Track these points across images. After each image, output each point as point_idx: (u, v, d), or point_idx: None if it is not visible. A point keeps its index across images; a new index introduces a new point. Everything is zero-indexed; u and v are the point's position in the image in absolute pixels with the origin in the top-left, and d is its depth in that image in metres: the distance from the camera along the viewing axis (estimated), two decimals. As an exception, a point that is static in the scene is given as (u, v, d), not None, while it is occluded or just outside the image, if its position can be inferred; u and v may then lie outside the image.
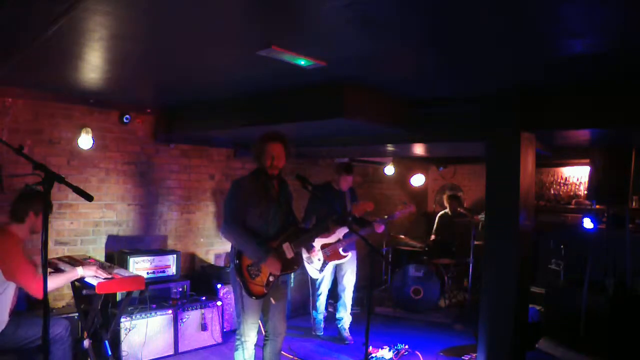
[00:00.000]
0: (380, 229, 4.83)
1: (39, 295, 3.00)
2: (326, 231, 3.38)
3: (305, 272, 5.00)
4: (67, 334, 3.27)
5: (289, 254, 3.27)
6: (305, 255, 4.82)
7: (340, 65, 3.10)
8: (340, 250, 4.85)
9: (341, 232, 4.83)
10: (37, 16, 2.33)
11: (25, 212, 3.16)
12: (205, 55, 3.04)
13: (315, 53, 2.85)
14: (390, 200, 8.15)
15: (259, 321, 3.35)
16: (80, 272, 3.29)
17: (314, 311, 5.14)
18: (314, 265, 4.82)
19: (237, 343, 3.27)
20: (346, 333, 5.01)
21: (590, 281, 4.37)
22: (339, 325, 5.05)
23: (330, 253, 4.83)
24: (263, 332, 3.48)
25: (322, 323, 5.15)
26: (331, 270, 4.96)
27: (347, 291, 5.02)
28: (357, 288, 5.12)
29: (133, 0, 2.15)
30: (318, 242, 4.78)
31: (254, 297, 3.18)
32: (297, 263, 3.34)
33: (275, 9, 2.22)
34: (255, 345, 3.32)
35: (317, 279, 4.97)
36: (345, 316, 5.04)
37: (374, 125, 3.95)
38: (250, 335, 3.24)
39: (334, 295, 5.25)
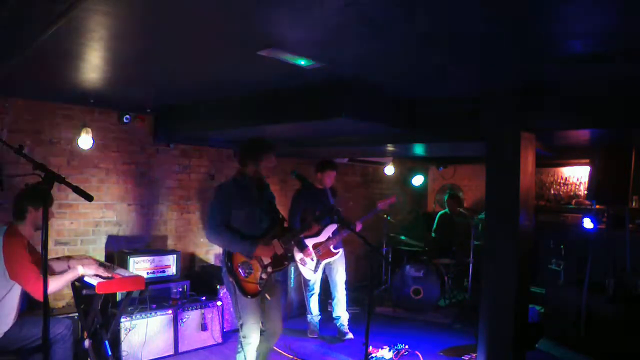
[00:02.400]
0: (358, 227, 4.77)
1: (39, 297, 3.01)
2: (309, 229, 3.43)
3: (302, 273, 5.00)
4: (69, 334, 3.27)
5: (279, 250, 3.33)
6: (298, 257, 4.83)
7: (340, 65, 3.10)
8: (331, 247, 4.88)
9: (330, 229, 4.85)
10: (37, 16, 2.33)
11: (24, 208, 3.17)
12: (205, 55, 3.04)
13: (315, 53, 2.85)
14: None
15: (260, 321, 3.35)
16: (80, 270, 3.30)
17: (308, 314, 5.14)
18: (308, 265, 4.83)
19: (239, 345, 3.28)
20: (346, 329, 5.01)
21: (590, 281, 4.37)
22: (337, 324, 5.05)
23: (323, 252, 4.86)
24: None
25: (318, 325, 5.14)
26: (321, 270, 4.97)
27: (340, 288, 5.03)
28: (357, 288, 5.13)
29: (133, 0, 2.16)
30: (310, 242, 4.80)
31: (249, 296, 3.19)
32: (287, 259, 3.41)
33: (275, 9, 2.22)
34: None
35: (309, 280, 4.98)
36: (342, 314, 5.04)
37: (374, 125, 3.95)
38: (252, 336, 3.23)
39: (330, 294, 5.25)
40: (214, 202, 3.31)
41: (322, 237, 4.86)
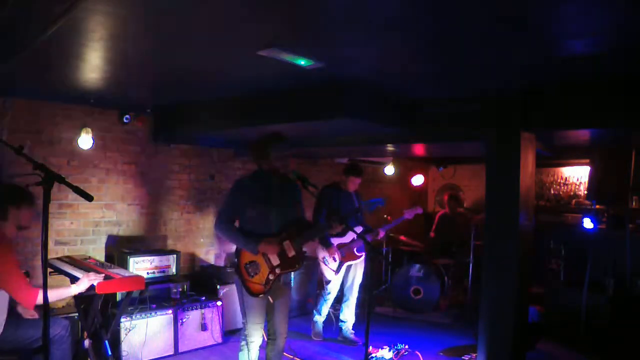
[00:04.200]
0: (381, 234, 4.93)
1: (29, 306, 2.92)
2: (328, 230, 3.40)
3: (305, 272, 4.99)
4: (67, 334, 3.25)
5: (290, 252, 3.25)
6: (321, 255, 4.83)
7: (340, 65, 3.10)
8: (355, 250, 4.87)
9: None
10: (37, 16, 2.33)
11: (4, 208, 3.00)
12: (205, 55, 3.04)
13: (315, 53, 2.85)
14: (390, 200, 8.15)
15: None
16: (74, 290, 3.19)
17: (316, 314, 5.08)
18: (331, 265, 4.81)
19: (242, 343, 3.27)
20: (352, 336, 4.97)
21: (590, 281, 4.38)
22: (342, 328, 5.02)
23: (346, 253, 4.86)
24: (264, 334, 3.47)
25: (322, 327, 5.11)
26: (343, 272, 4.95)
27: (354, 292, 5.01)
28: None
29: (133, 0, 2.16)
30: (334, 242, 4.81)
31: (256, 296, 3.17)
32: (298, 262, 3.31)
33: (276, 9, 2.22)
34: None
35: (329, 282, 4.93)
36: (349, 318, 5.01)
37: (374, 125, 3.95)
38: (255, 335, 3.22)
39: (338, 296, 5.24)
40: (227, 196, 3.34)
41: (347, 239, 4.86)
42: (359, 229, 4.78)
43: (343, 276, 5.01)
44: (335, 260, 4.80)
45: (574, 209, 6.73)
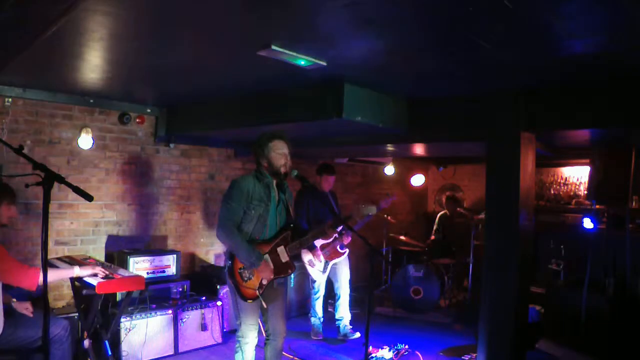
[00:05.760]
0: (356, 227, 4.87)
1: (31, 286, 2.93)
2: (323, 236, 3.38)
3: (305, 273, 5.02)
4: (66, 334, 3.26)
5: (284, 258, 3.24)
6: (307, 258, 4.84)
7: (340, 65, 3.10)
8: (338, 247, 4.92)
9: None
10: (37, 16, 2.33)
11: None
12: (205, 55, 3.04)
13: (315, 53, 2.85)
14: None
15: (259, 321, 3.34)
16: (77, 271, 3.25)
17: (312, 315, 5.13)
18: (317, 266, 4.84)
19: (237, 345, 3.26)
20: (351, 331, 5.00)
21: (590, 281, 4.37)
22: (340, 326, 5.05)
23: (330, 252, 4.90)
24: (264, 332, 3.47)
25: (321, 327, 5.13)
26: (328, 271, 5.00)
27: (345, 288, 5.06)
28: (357, 288, 5.14)
29: (133, 0, 2.16)
30: (318, 243, 4.82)
31: (249, 301, 3.16)
32: (291, 267, 3.31)
33: (275, 9, 2.22)
34: (257, 345, 3.31)
35: (316, 282, 4.98)
36: (345, 315, 5.06)
37: (373, 125, 3.95)
38: (249, 336, 3.22)
39: (332, 295, 5.26)
40: (228, 199, 3.16)
41: (329, 238, 4.87)
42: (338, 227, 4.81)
43: (331, 276, 5.07)
44: (320, 261, 4.86)
45: (574, 209, 6.73)
